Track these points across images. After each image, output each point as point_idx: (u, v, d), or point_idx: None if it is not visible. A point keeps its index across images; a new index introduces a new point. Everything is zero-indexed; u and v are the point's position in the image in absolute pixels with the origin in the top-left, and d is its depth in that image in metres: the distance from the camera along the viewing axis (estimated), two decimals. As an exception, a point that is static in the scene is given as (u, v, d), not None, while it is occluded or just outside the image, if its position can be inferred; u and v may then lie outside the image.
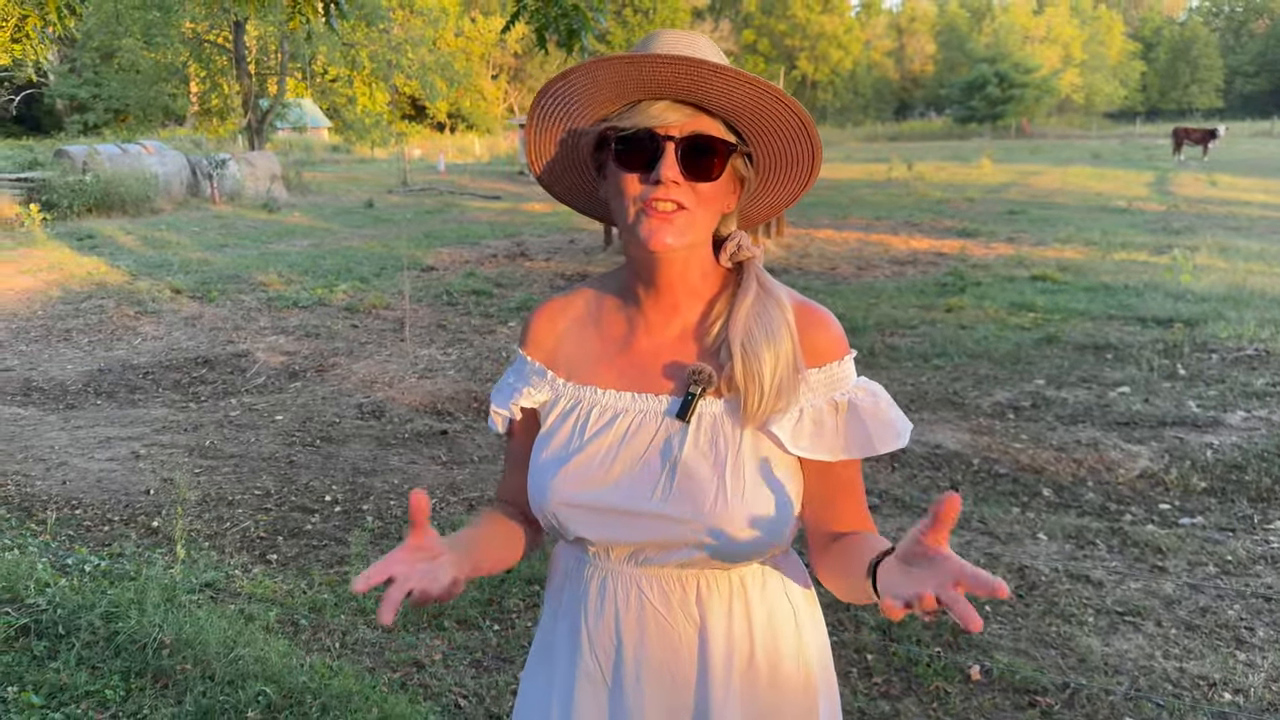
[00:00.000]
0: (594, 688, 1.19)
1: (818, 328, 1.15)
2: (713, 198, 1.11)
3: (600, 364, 1.20)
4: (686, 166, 1.08)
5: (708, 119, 1.09)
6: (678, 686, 1.16)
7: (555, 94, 1.12)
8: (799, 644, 1.20)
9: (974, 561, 3.77)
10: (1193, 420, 5.43)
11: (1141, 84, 73.81)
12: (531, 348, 1.25)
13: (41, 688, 2.73)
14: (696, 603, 1.16)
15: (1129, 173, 23.95)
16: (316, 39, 24.41)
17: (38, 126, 43.71)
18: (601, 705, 1.19)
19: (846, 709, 2.84)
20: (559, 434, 1.18)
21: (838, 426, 1.13)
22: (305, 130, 39.50)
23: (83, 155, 18.86)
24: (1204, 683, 2.96)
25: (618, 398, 1.17)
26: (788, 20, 69.34)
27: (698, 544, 1.11)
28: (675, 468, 1.11)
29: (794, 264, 11.25)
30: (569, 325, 1.24)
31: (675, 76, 1.04)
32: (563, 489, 1.14)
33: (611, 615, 1.17)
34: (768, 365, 1.10)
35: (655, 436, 1.14)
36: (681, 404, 1.13)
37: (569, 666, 1.21)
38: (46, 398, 6.54)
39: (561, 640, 1.23)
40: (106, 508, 4.45)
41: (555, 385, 1.22)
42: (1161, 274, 9.86)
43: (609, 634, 1.17)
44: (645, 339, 1.19)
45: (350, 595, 3.45)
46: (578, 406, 1.19)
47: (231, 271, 11.29)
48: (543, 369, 1.23)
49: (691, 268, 1.15)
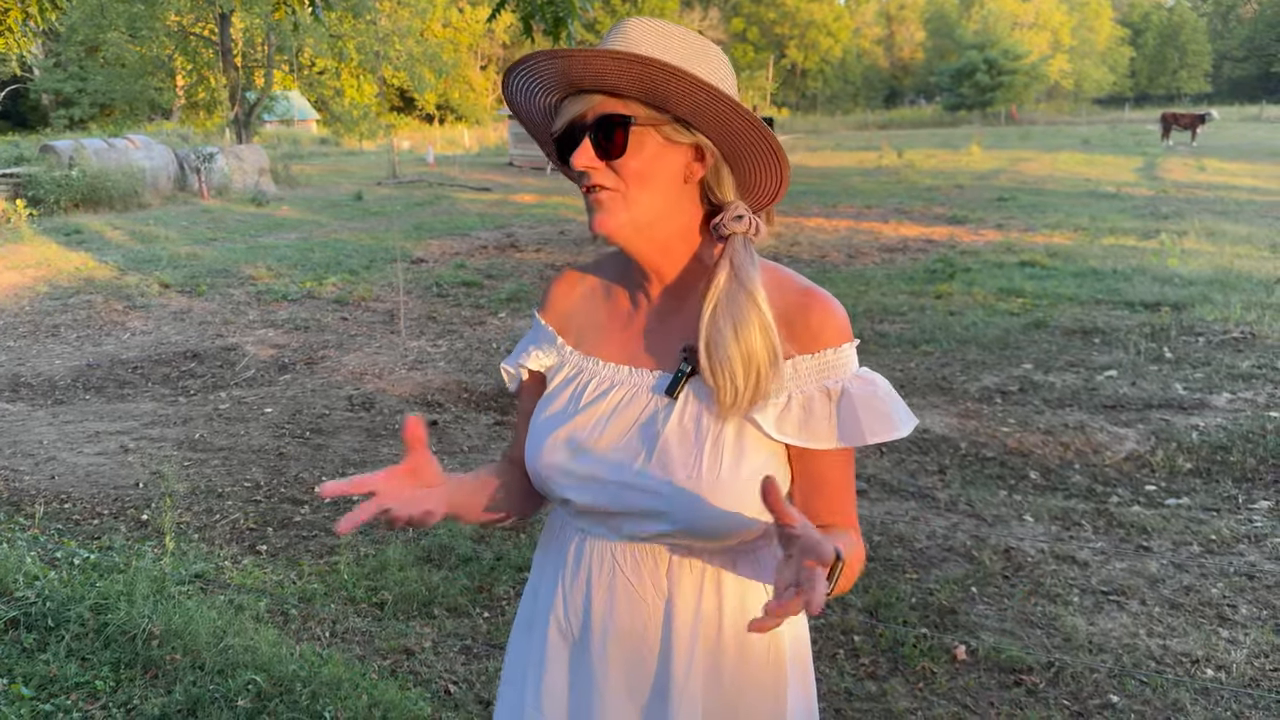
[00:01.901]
0: (564, 643, 1.23)
1: (813, 312, 1.13)
2: (643, 173, 1.11)
3: (605, 336, 1.24)
4: (598, 148, 1.11)
5: (612, 100, 1.11)
6: (641, 656, 1.18)
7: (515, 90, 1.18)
8: (772, 632, 1.18)
9: (961, 544, 3.80)
10: (1179, 402, 5.47)
11: (1130, 69, 73.90)
12: (547, 313, 1.30)
13: (32, 679, 2.74)
14: (667, 576, 1.17)
15: (1118, 158, 24.00)
16: (303, 30, 24.27)
17: (23, 122, 43.44)
18: (567, 662, 1.24)
19: (833, 690, 2.86)
20: (558, 399, 1.23)
21: (830, 414, 1.10)
22: (293, 123, 39.34)
23: (69, 150, 18.75)
24: (1187, 659, 2.99)
25: (615, 370, 1.21)
26: (777, 8, 69.18)
27: (670, 517, 1.12)
28: (656, 441, 1.13)
29: (784, 252, 11.26)
30: (583, 295, 1.29)
31: (569, 68, 1.09)
32: (553, 451, 1.19)
33: (584, 578, 1.21)
34: (738, 363, 1.08)
35: (644, 410, 1.16)
36: (671, 380, 1.15)
37: (544, 623, 1.26)
38: (35, 393, 6.52)
39: (543, 599, 1.27)
40: (95, 501, 4.44)
41: (563, 351, 1.27)
42: (1149, 258, 9.89)
43: (580, 596, 1.21)
44: (647, 316, 1.22)
45: (340, 584, 3.46)
46: (579, 375, 1.23)
47: (220, 265, 11.25)
48: (554, 334, 1.28)
49: (672, 246, 1.16)
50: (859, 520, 1.23)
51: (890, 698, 2.82)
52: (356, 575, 3.54)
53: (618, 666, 1.19)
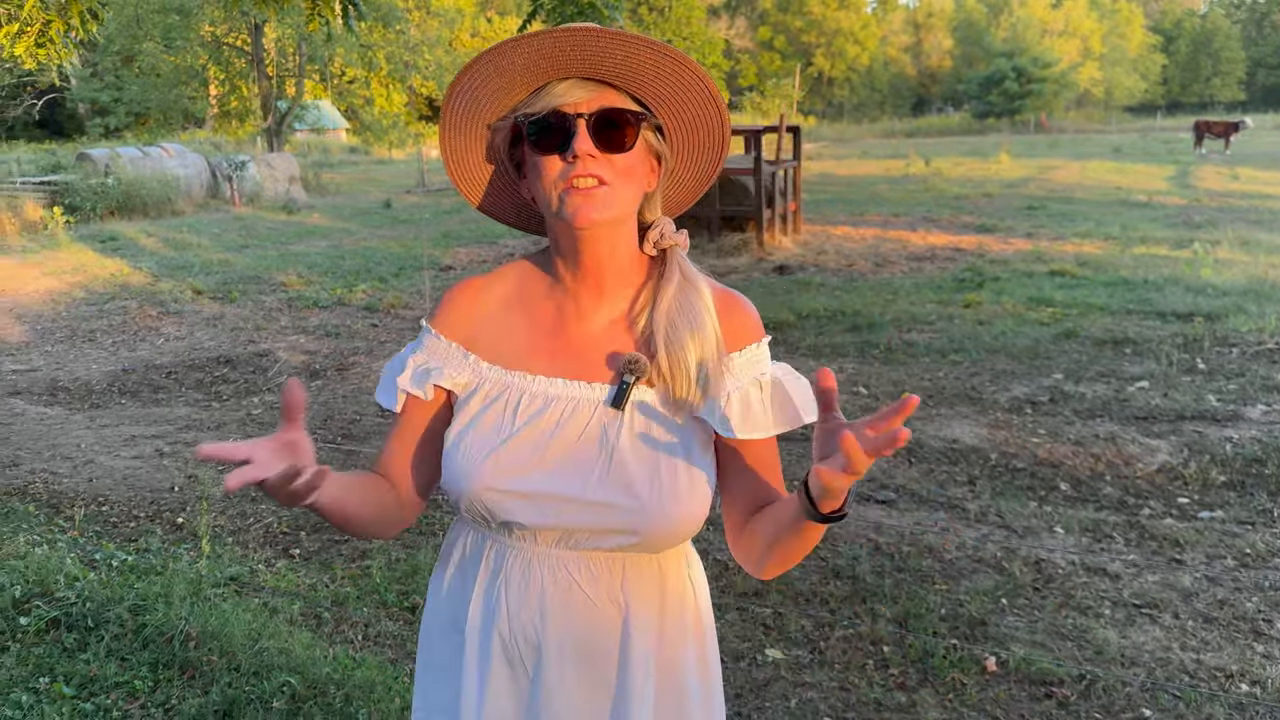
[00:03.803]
0: (510, 670, 1.18)
1: (737, 312, 1.19)
2: (630, 171, 1.12)
3: (530, 350, 1.19)
4: (600, 140, 1.09)
5: (613, 93, 1.12)
6: (598, 668, 1.17)
7: (463, 92, 1.13)
8: (696, 614, 1.24)
9: (991, 555, 3.79)
10: (1212, 414, 5.41)
11: (1162, 77, 73.16)
12: (447, 327, 1.23)
13: (72, 679, 2.79)
14: (622, 587, 1.17)
15: (1149, 167, 23.77)
16: (335, 40, 24.55)
17: (60, 130, 44.19)
18: (521, 688, 1.18)
19: (862, 700, 2.86)
20: (485, 420, 1.16)
21: (765, 404, 1.16)
22: (323, 132, 39.75)
23: (105, 158, 19.08)
24: (1221, 674, 2.97)
25: (549, 384, 1.16)
26: (804, 16, 69.16)
27: (631, 530, 1.13)
28: (612, 456, 1.12)
29: (810, 260, 11.24)
30: (493, 308, 1.22)
31: (574, 50, 1.06)
32: (493, 475, 1.13)
33: (536, 596, 1.16)
34: (693, 355, 1.13)
35: (589, 424, 1.14)
36: (615, 392, 1.14)
37: (483, 652, 1.19)
38: (72, 397, 6.64)
39: (478, 627, 1.20)
40: (132, 504, 4.52)
41: (479, 369, 1.20)
42: (1182, 268, 9.79)
43: (532, 614, 1.17)
44: (576, 326, 1.19)
45: (373, 588, 3.50)
46: (506, 392, 1.17)
47: (252, 272, 11.39)
48: (462, 350, 1.21)
49: (618, 250, 1.17)
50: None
51: (920, 708, 2.81)
52: (388, 579, 3.58)
53: (575, 681, 1.17)
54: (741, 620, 3.33)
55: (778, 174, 12.55)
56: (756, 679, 2.98)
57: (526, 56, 1.08)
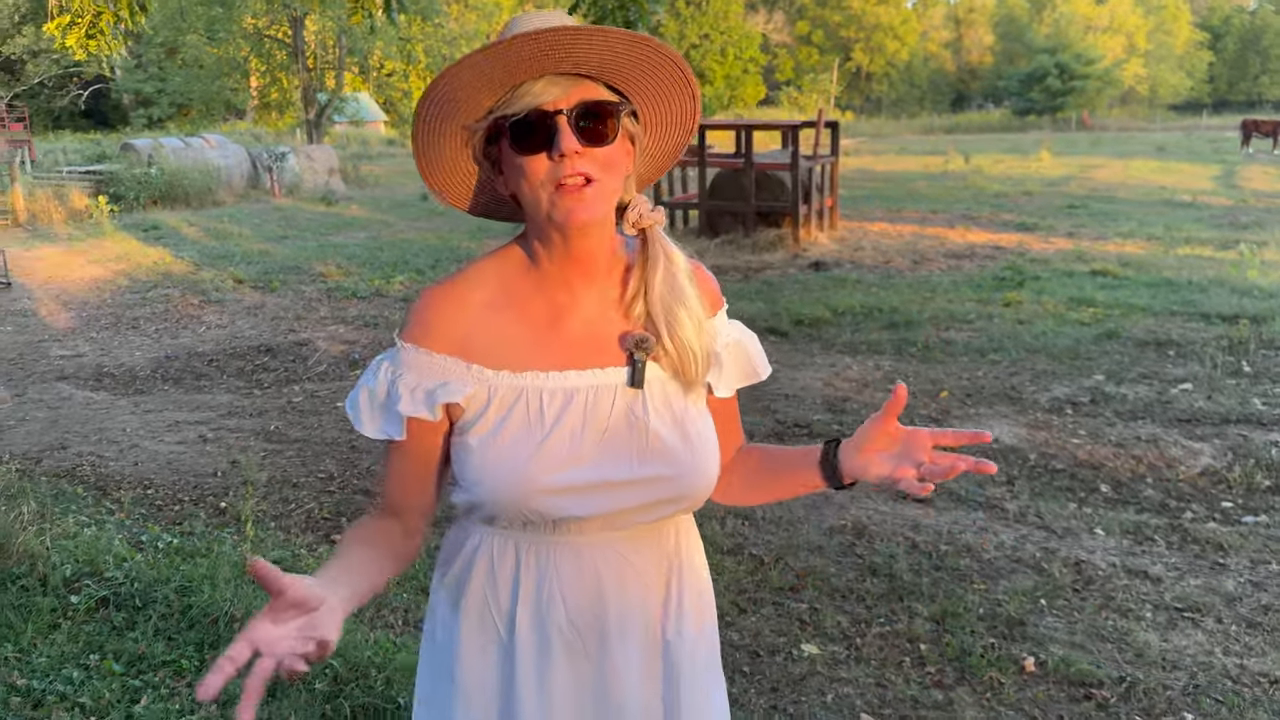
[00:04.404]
0: (572, 660, 1.21)
1: (706, 281, 1.27)
2: (614, 161, 1.13)
3: (533, 348, 1.17)
4: (583, 135, 1.09)
5: (589, 85, 1.12)
6: (654, 633, 1.25)
7: (436, 100, 1.11)
8: (702, 559, 1.34)
9: (1030, 556, 3.76)
10: (1258, 418, 5.33)
11: (1209, 75, 71.75)
12: (435, 340, 1.17)
13: (121, 656, 2.86)
14: (662, 553, 1.25)
15: (1194, 166, 23.36)
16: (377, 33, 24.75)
17: (104, 121, 44.97)
18: (583, 675, 1.22)
19: (899, 697, 2.86)
20: (509, 427, 1.14)
21: (735, 362, 1.28)
22: (362, 124, 40.08)
23: (148, 148, 19.39)
24: (1265, 679, 2.93)
25: (564, 378, 1.16)
26: (843, 11, 68.60)
27: (679, 497, 1.20)
28: (646, 432, 1.17)
29: (847, 257, 11.18)
30: (480, 312, 1.18)
31: (542, 51, 1.06)
32: (541, 476, 1.13)
33: (592, 582, 1.19)
34: (691, 331, 1.19)
35: (614, 407, 1.17)
36: (631, 373, 1.18)
37: (539, 648, 1.21)
38: (117, 383, 6.77)
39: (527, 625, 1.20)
40: (177, 488, 4.60)
41: (485, 378, 1.16)
42: (1227, 270, 9.63)
43: (591, 600, 1.20)
44: (572, 315, 1.19)
45: (411, 575, 3.54)
46: (523, 396, 1.15)
47: (292, 262, 11.53)
48: (462, 362, 1.16)
49: (605, 237, 1.18)
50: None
51: (957, 707, 2.81)
52: (427, 566, 3.62)
53: (638, 655, 1.23)
54: (777, 615, 3.34)
55: (815, 169, 12.49)
56: (793, 673, 2.98)
57: (489, 65, 1.07)
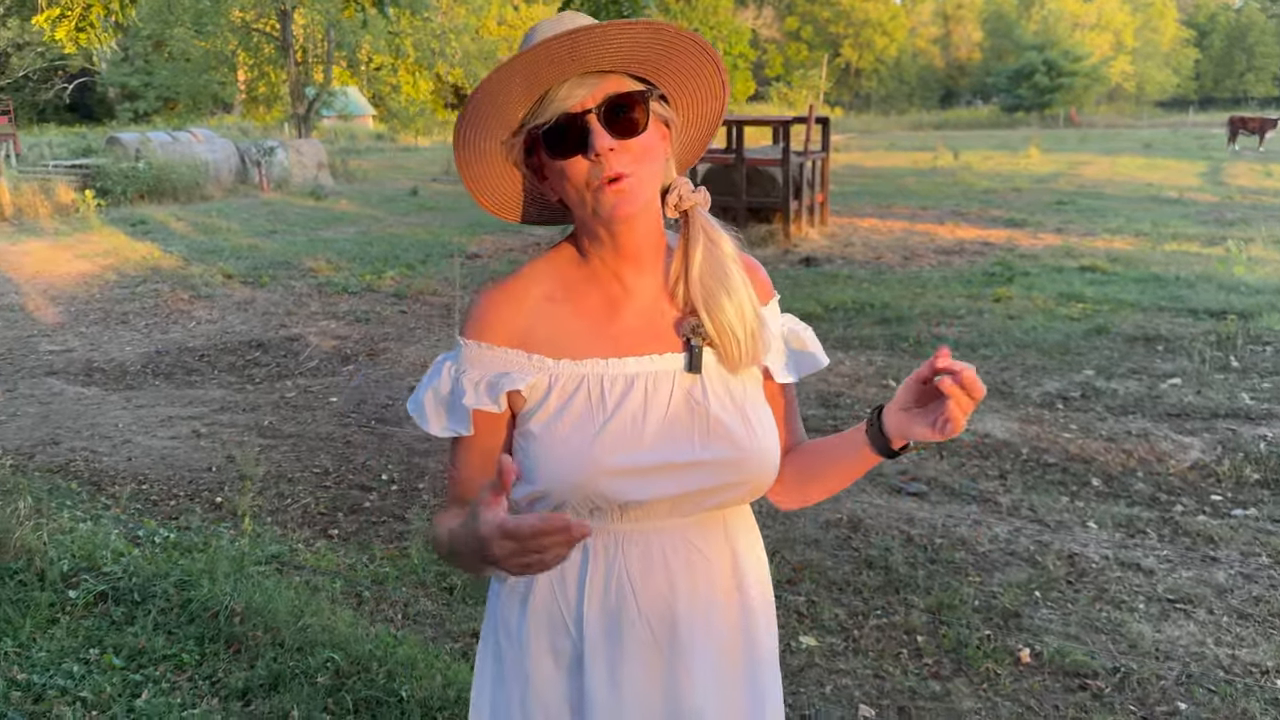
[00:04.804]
0: (644, 652, 1.20)
1: (756, 269, 1.27)
2: (649, 150, 1.14)
3: (591, 338, 1.20)
4: (615, 129, 1.11)
5: (613, 79, 1.13)
6: (726, 618, 1.26)
7: (470, 121, 1.14)
8: (762, 552, 1.35)
9: (1023, 549, 3.79)
10: (1246, 412, 5.38)
11: (1195, 72, 72.11)
12: (496, 334, 1.20)
13: (121, 650, 2.86)
14: (727, 539, 1.26)
15: (1181, 162, 23.49)
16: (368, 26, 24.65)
17: (90, 114, 44.62)
18: (654, 667, 1.21)
19: (897, 688, 2.88)
20: (571, 412, 1.17)
21: (791, 348, 1.29)
22: (350, 118, 39.93)
23: (135, 143, 19.26)
24: (1257, 670, 2.97)
25: (623, 364, 1.18)
26: (832, 7, 68.64)
27: (743, 480, 1.20)
28: (707, 416, 1.18)
29: (838, 253, 11.22)
30: (535, 306, 1.21)
31: (564, 57, 1.07)
32: (605, 458, 1.15)
33: (661, 569, 1.20)
34: (733, 315, 1.19)
35: (674, 392, 1.19)
36: (688, 358, 1.20)
37: (610, 641, 1.21)
38: (108, 378, 6.74)
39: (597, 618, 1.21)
40: (172, 483, 4.60)
41: (546, 366, 1.19)
42: (1214, 265, 9.70)
43: (661, 588, 1.20)
44: (626, 304, 1.21)
45: (411, 569, 3.55)
46: (584, 382, 1.18)
47: (281, 257, 11.49)
48: (523, 353, 1.19)
49: (653, 227, 1.20)
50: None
51: (954, 697, 2.83)
52: (426, 560, 3.63)
53: (713, 642, 1.24)
54: (775, 607, 3.35)
55: (805, 165, 12.51)
56: (791, 665, 3.01)
57: (524, 74, 1.09)
